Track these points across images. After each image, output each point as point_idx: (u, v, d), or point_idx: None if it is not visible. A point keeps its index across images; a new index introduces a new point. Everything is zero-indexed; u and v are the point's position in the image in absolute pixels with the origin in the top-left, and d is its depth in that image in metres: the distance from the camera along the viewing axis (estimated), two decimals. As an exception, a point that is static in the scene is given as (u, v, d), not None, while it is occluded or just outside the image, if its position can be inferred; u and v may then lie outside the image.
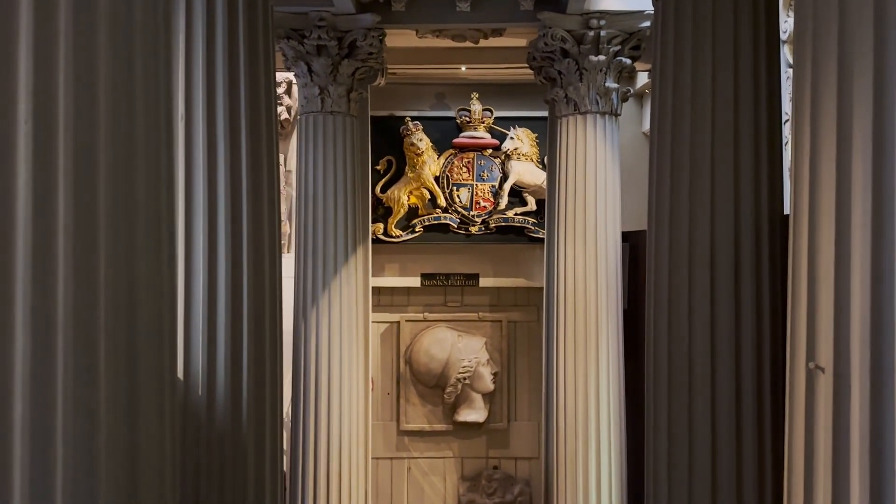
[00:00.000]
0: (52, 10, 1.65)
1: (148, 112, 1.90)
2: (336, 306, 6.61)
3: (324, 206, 6.53)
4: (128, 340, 1.85)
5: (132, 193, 1.87)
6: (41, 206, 1.70)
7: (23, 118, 1.68)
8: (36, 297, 1.70)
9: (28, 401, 1.60)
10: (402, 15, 6.56)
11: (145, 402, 1.91)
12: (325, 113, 6.59)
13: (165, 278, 2.03)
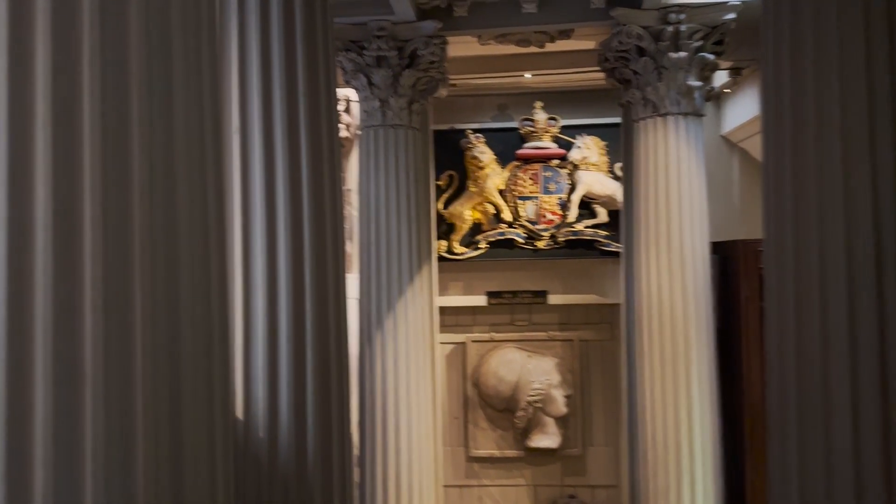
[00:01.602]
0: (76, 16, 1.43)
1: (188, 124, 1.59)
2: (402, 328, 6.28)
3: (387, 223, 6.24)
4: (170, 385, 1.59)
5: (172, 212, 1.56)
6: (66, 228, 1.41)
7: (41, 123, 1.41)
8: (59, 342, 1.40)
9: (51, 466, 1.42)
10: (465, 20, 6.23)
11: (192, 454, 1.63)
12: (386, 126, 6.31)
13: (215, 310, 1.72)
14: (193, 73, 1.65)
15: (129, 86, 1.49)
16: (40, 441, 1.43)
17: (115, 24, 1.48)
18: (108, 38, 1.47)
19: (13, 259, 1.43)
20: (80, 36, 1.45)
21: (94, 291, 1.45)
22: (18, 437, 1.43)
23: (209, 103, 1.72)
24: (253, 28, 3.17)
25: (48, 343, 1.43)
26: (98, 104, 1.45)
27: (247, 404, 3.01)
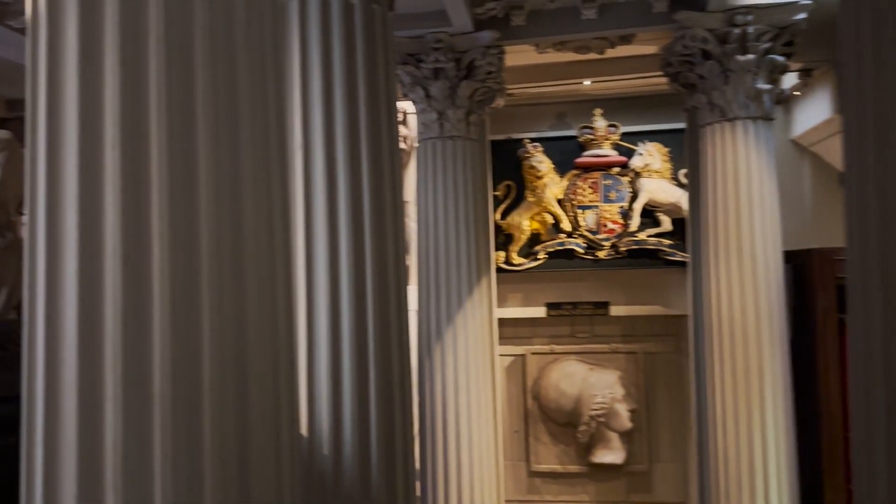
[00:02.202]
0: (143, 41, 1.42)
1: (254, 140, 1.57)
2: (462, 340, 6.21)
3: (445, 234, 6.20)
4: (237, 404, 1.56)
5: (238, 231, 1.53)
6: (133, 246, 1.39)
7: (110, 144, 1.39)
8: (128, 364, 1.38)
9: (121, 487, 1.42)
10: (522, 29, 6.16)
11: (258, 473, 1.60)
12: (444, 138, 6.29)
13: (281, 324, 1.69)
14: (259, 94, 1.63)
15: (196, 106, 1.48)
16: (110, 462, 1.42)
17: (182, 48, 1.47)
18: (174, 63, 1.46)
19: (84, 287, 1.42)
20: (146, 59, 1.44)
21: (161, 312, 1.43)
22: (90, 460, 1.42)
23: (274, 122, 1.69)
24: (314, 45, 3.17)
25: (118, 365, 1.42)
26: (165, 125, 1.44)
27: (311, 421, 2.98)
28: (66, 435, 1.44)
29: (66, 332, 1.44)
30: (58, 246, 1.45)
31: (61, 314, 1.44)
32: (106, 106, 1.43)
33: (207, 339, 1.49)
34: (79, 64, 1.44)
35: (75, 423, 1.43)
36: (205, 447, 1.48)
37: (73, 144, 1.44)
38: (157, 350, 1.44)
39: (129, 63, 1.43)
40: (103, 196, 1.43)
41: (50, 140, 1.46)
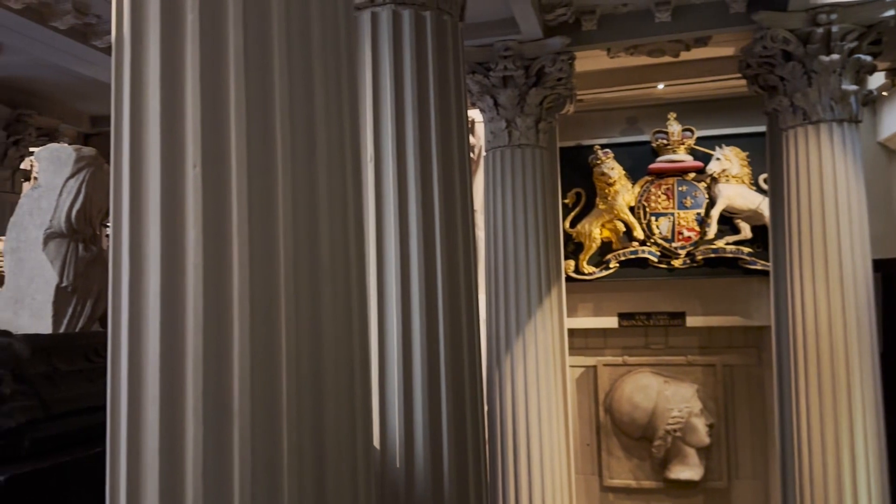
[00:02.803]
0: (223, 53, 1.47)
1: (330, 154, 1.57)
2: (531, 351, 6.13)
3: (514, 243, 6.14)
4: (313, 419, 1.55)
5: (315, 244, 1.53)
6: (213, 261, 1.41)
7: (191, 162, 1.41)
8: (209, 380, 1.40)
9: (201, 498, 1.43)
10: (594, 34, 6.06)
11: (335, 487, 1.60)
12: (513, 146, 6.24)
13: (356, 338, 1.69)
14: (333, 108, 1.63)
15: (274, 122, 1.49)
16: (191, 475, 1.43)
17: (260, 66, 1.49)
18: (252, 81, 1.48)
19: (166, 300, 1.44)
20: (226, 78, 1.46)
21: (241, 325, 1.45)
22: (171, 471, 1.44)
23: (348, 137, 1.69)
24: (385, 57, 3.18)
25: (198, 378, 1.44)
26: (244, 142, 1.45)
27: (383, 433, 2.98)
28: (148, 446, 1.46)
29: (148, 344, 1.46)
30: (140, 260, 1.48)
31: (144, 327, 1.47)
32: (187, 123, 1.45)
33: (285, 352, 1.49)
34: (160, 82, 1.47)
35: (157, 434, 1.45)
36: (283, 460, 1.49)
37: (155, 161, 1.47)
38: (235, 363, 1.45)
39: (208, 82, 1.45)
40: (185, 211, 1.45)
41: (133, 156, 1.49)
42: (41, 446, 1.81)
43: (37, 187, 2.85)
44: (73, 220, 2.78)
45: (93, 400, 2.03)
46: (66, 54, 6.00)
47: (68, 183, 2.80)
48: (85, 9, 5.53)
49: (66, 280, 2.75)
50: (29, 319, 2.71)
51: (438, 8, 3.28)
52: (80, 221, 2.82)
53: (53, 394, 1.99)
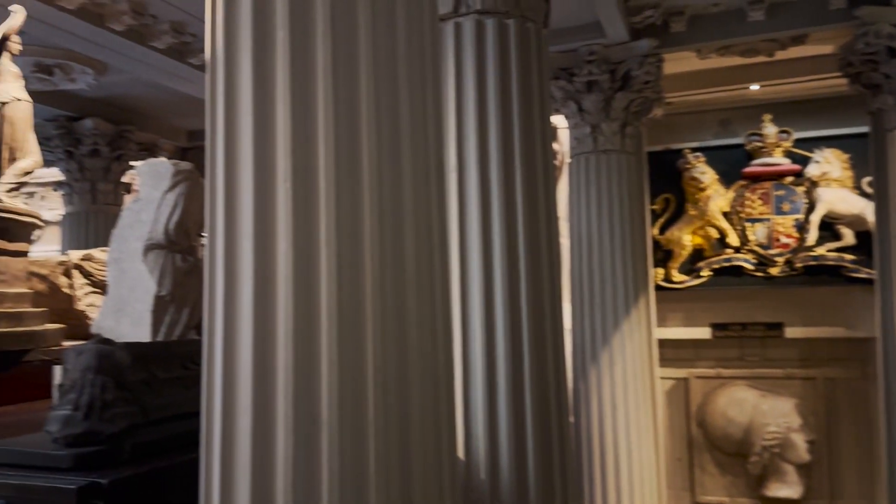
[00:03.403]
0: (312, 69, 1.49)
1: (415, 166, 1.58)
2: (619, 363, 5.99)
3: (599, 251, 6.03)
4: (400, 422, 1.55)
5: (401, 256, 1.53)
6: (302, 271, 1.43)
7: (282, 177, 1.44)
8: (299, 392, 1.42)
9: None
10: (682, 36, 5.89)
11: (420, 492, 1.59)
12: (598, 152, 6.14)
13: (441, 348, 1.68)
14: (419, 120, 1.64)
15: (361, 137, 1.51)
16: (281, 485, 1.46)
17: (347, 82, 1.51)
18: (340, 96, 1.50)
19: (258, 309, 1.47)
20: (315, 93, 1.49)
21: (329, 335, 1.47)
22: (262, 479, 1.46)
23: (433, 148, 1.69)
24: (469, 67, 3.17)
25: (289, 388, 1.46)
26: (332, 156, 1.47)
27: (467, 445, 2.96)
28: (240, 454, 1.49)
29: (241, 354, 1.50)
30: (234, 271, 1.52)
31: (237, 336, 1.50)
32: (278, 139, 1.48)
33: (371, 362, 1.50)
34: (253, 99, 1.51)
35: (249, 443, 1.47)
36: (369, 469, 1.49)
37: (248, 176, 1.50)
38: (324, 373, 1.46)
39: (298, 98, 1.48)
40: (275, 224, 1.48)
41: (227, 171, 1.53)
42: (140, 451, 1.88)
43: (137, 200, 2.99)
44: (171, 232, 2.90)
45: (188, 406, 2.10)
46: (164, 72, 6.31)
47: (167, 196, 2.92)
48: (182, 28, 5.80)
49: (164, 290, 2.87)
50: (129, 327, 2.84)
51: (522, 16, 3.26)
52: (178, 233, 2.94)
53: (152, 400, 2.07)
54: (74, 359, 1.95)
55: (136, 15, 5.38)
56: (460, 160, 3.19)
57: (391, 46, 1.59)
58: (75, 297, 4.02)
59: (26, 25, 3.47)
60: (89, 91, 6.97)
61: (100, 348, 1.95)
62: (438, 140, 1.76)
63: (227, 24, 1.55)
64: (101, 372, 1.92)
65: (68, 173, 8.10)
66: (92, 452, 1.78)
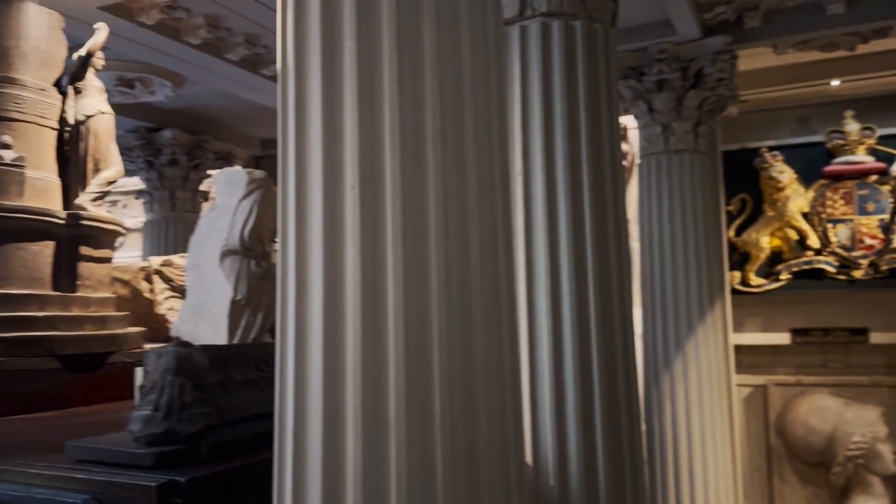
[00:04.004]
0: (378, 78, 1.51)
1: (480, 171, 1.58)
2: (693, 369, 5.82)
3: (672, 254, 5.88)
4: (466, 427, 1.55)
5: (466, 261, 1.53)
6: (369, 277, 1.45)
7: (350, 184, 1.47)
8: (367, 394, 1.43)
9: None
10: (758, 31, 5.69)
11: (488, 494, 1.58)
12: (669, 152, 5.99)
13: (507, 354, 1.67)
14: (483, 126, 1.64)
15: (426, 144, 1.52)
16: (350, 487, 1.47)
17: (412, 92, 1.53)
18: (405, 104, 1.51)
19: (328, 314, 1.50)
20: (381, 102, 1.51)
21: (395, 340, 1.48)
22: (332, 482, 1.48)
23: (498, 153, 1.69)
24: (535, 70, 3.14)
25: (357, 391, 1.48)
26: (398, 164, 1.49)
27: (535, 451, 2.94)
28: (311, 455, 1.52)
29: (311, 357, 1.53)
30: (305, 276, 1.55)
31: (308, 340, 1.54)
32: (346, 147, 1.51)
33: (437, 366, 1.51)
34: (322, 108, 1.54)
35: (320, 444, 1.50)
36: (437, 473, 1.50)
37: (317, 183, 1.54)
38: (391, 377, 1.48)
39: (365, 106, 1.51)
40: (343, 230, 1.51)
41: (298, 179, 1.57)
42: (217, 451, 1.94)
43: (214, 208, 3.09)
44: (245, 238, 2.98)
45: (262, 408, 2.15)
46: (239, 83, 6.51)
47: (241, 203, 3.01)
48: (255, 40, 5.98)
49: (239, 294, 2.96)
50: (207, 331, 2.94)
51: (589, 17, 3.21)
52: (253, 239, 3.02)
53: (228, 401, 2.13)
54: (154, 361, 2.03)
55: (211, 28, 5.58)
56: (526, 164, 3.17)
57: (456, 53, 1.60)
58: (156, 302, 4.18)
59: (109, 41, 3.63)
60: (168, 103, 7.26)
61: (178, 351, 2.02)
62: (503, 145, 1.76)
63: (297, 36, 1.59)
64: (179, 374, 1.99)
65: (149, 182, 8.44)
66: (171, 451, 1.85)
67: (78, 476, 1.80)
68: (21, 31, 3.19)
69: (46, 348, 2.96)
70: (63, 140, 3.33)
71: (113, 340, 3.29)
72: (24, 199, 3.08)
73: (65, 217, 3.21)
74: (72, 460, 1.90)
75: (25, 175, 3.10)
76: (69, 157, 3.32)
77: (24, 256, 3.05)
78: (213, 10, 5.43)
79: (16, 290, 3.00)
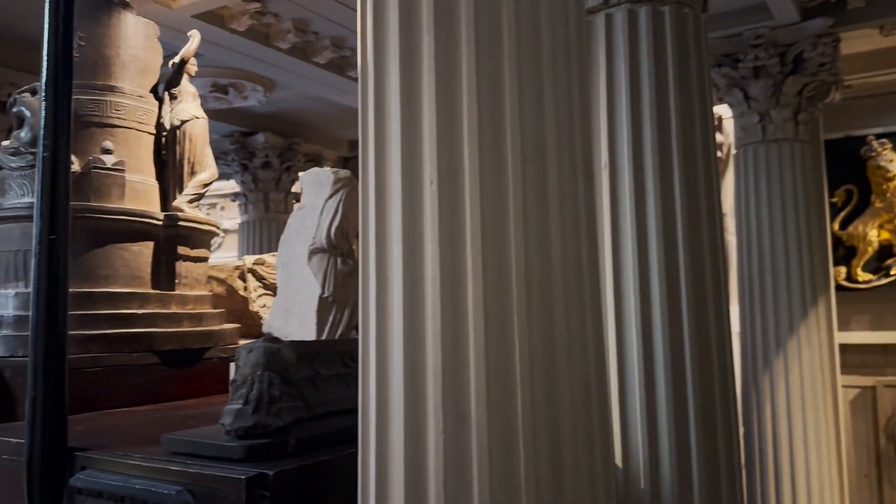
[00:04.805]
0: (456, 71, 1.50)
1: (561, 164, 1.54)
2: (795, 369, 5.54)
3: (771, 249, 5.61)
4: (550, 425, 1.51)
5: (547, 255, 1.50)
6: (449, 272, 1.44)
7: (428, 179, 1.46)
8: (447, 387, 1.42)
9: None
10: (862, 12, 5.35)
11: (573, 494, 1.55)
12: (767, 142, 5.72)
13: (592, 351, 1.62)
14: (564, 119, 1.60)
15: (505, 139, 1.49)
16: (433, 484, 1.46)
17: (492, 86, 1.50)
18: (484, 99, 1.49)
19: (407, 310, 1.49)
20: (459, 98, 1.49)
21: (476, 334, 1.46)
22: (414, 478, 1.48)
23: (580, 147, 1.64)
24: (621, 59, 3.06)
25: (437, 386, 1.47)
26: (477, 159, 1.47)
27: (625, 452, 2.85)
28: (393, 451, 1.52)
29: (392, 353, 1.53)
30: (385, 272, 1.55)
31: (389, 336, 1.54)
32: (424, 142, 1.50)
33: (518, 363, 1.48)
34: (400, 105, 1.54)
35: (402, 440, 1.50)
36: (520, 471, 1.47)
37: (396, 179, 1.53)
38: (472, 373, 1.46)
39: (443, 102, 1.50)
40: (423, 226, 1.50)
41: (378, 176, 1.57)
42: (304, 445, 1.97)
43: (302, 207, 3.15)
44: (332, 237, 3.03)
45: (348, 403, 2.18)
46: (326, 86, 6.66)
47: (328, 203, 3.05)
48: (341, 43, 6.09)
49: (326, 291, 3.01)
50: (297, 327, 3.00)
51: (678, 2, 3.09)
52: (338, 237, 3.06)
53: (315, 396, 2.17)
54: (245, 356, 2.08)
55: (299, 32, 5.72)
56: (612, 158, 3.08)
57: (535, 44, 1.56)
58: (249, 299, 4.32)
59: (202, 48, 3.78)
60: (260, 107, 7.51)
61: (267, 346, 2.07)
62: (586, 137, 1.70)
63: (375, 32, 1.59)
64: (268, 368, 2.03)
65: (244, 185, 8.77)
66: (260, 445, 1.89)
67: (172, 468, 1.86)
68: (120, 41, 3.36)
69: (146, 344, 3.10)
70: (160, 144, 3.48)
71: (209, 337, 3.41)
72: (124, 202, 3.23)
73: (163, 218, 3.35)
74: (167, 452, 1.98)
75: (126, 178, 3.25)
76: (166, 160, 3.46)
77: (125, 256, 3.20)
78: (301, 15, 5.57)
79: (118, 288, 3.16)
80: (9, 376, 2.77)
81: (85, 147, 3.18)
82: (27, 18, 4.98)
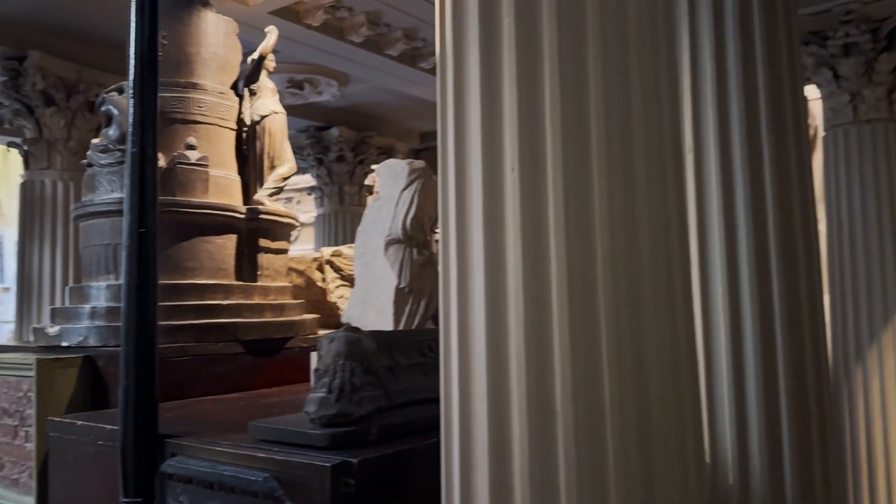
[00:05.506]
0: (538, 53, 1.45)
1: (648, 148, 1.48)
2: (889, 362, 5.25)
3: (864, 235, 5.32)
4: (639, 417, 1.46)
5: (635, 242, 1.44)
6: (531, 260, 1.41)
7: (510, 165, 1.43)
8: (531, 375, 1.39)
9: (528, 494, 1.43)
10: (965, -20, 4.99)
11: (663, 486, 1.49)
12: (859, 123, 5.42)
13: (682, 340, 1.56)
14: (651, 101, 1.53)
15: (589, 124, 1.45)
16: (518, 475, 1.44)
17: (575, 70, 1.45)
18: (567, 85, 1.45)
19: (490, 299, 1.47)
20: (541, 84, 1.45)
21: (560, 324, 1.43)
22: (499, 468, 1.46)
23: (668, 129, 1.57)
24: (706, 39, 2.93)
25: (521, 376, 1.45)
26: (560, 145, 1.43)
27: (713, 446, 2.75)
28: (477, 441, 1.50)
29: (475, 342, 1.50)
30: (467, 261, 1.52)
31: (471, 326, 1.51)
32: (504, 128, 1.47)
33: (605, 353, 1.44)
34: (480, 90, 1.50)
35: (486, 430, 1.48)
36: (608, 463, 1.43)
37: (476, 167, 1.50)
38: (557, 363, 1.42)
39: (524, 85, 1.46)
40: (504, 213, 1.47)
41: (458, 164, 1.54)
42: (385, 433, 1.97)
43: (377, 199, 3.17)
44: (407, 227, 3.03)
45: (427, 392, 2.17)
46: (398, 78, 6.68)
47: (403, 194, 3.06)
48: (413, 34, 6.10)
49: (403, 282, 3.02)
50: (374, 317, 3.03)
51: (765, -25, 2.95)
52: (414, 228, 3.07)
53: (395, 385, 2.17)
54: (327, 345, 2.10)
55: (371, 25, 5.76)
56: (697, 140, 2.97)
57: (621, 22, 1.50)
58: (328, 290, 4.39)
59: (278, 44, 3.84)
60: (334, 102, 7.61)
61: (348, 336, 2.09)
62: (675, 120, 1.63)
63: (454, 16, 1.56)
64: (350, 357, 2.05)
65: (319, 178, 8.92)
66: (343, 433, 1.91)
67: (259, 455, 1.90)
68: (201, 39, 3.45)
69: (231, 334, 3.18)
70: (241, 139, 3.56)
71: (290, 326, 3.48)
72: (208, 196, 3.32)
73: (245, 212, 3.43)
74: (253, 439, 2.02)
75: (209, 173, 3.34)
76: (247, 155, 3.54)
77: (209, 249, 3.29)
78: (373, 7, 5.60)
79: (203, 280, 3.25)
80: (102, 365, 2.89)
81: (169, 143, 3.29)
82: (111, 21, 5.18)
